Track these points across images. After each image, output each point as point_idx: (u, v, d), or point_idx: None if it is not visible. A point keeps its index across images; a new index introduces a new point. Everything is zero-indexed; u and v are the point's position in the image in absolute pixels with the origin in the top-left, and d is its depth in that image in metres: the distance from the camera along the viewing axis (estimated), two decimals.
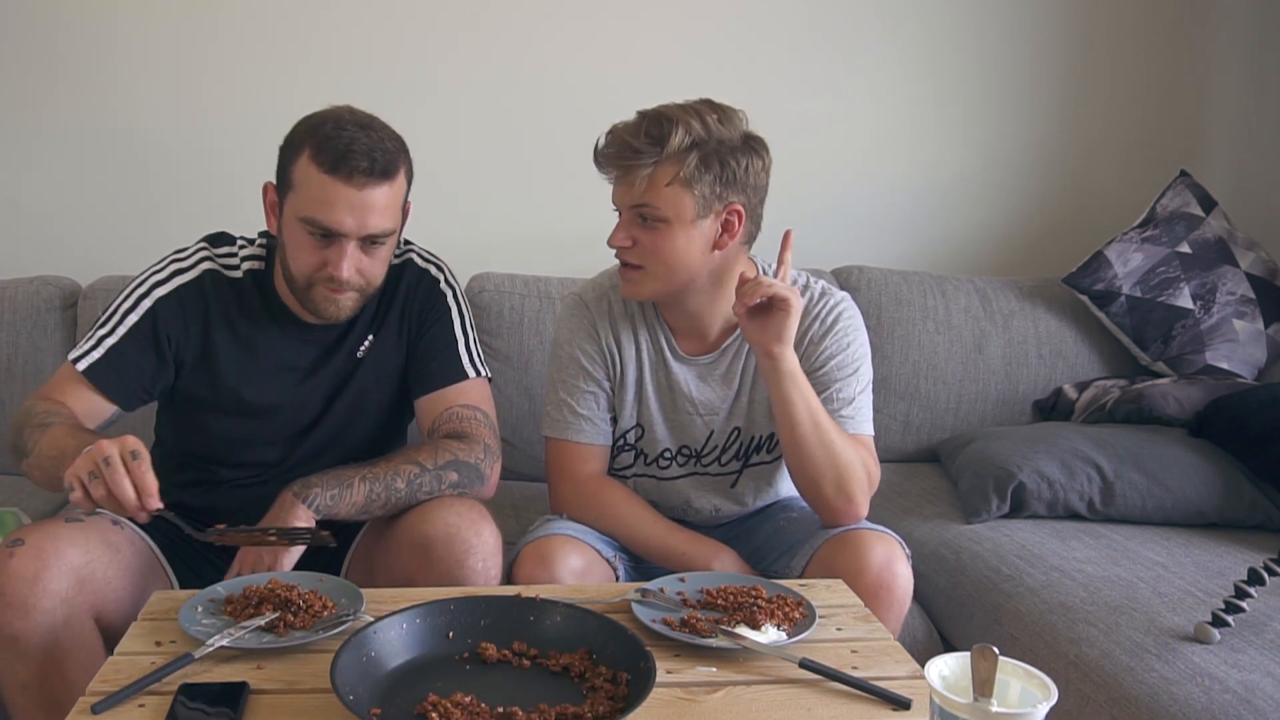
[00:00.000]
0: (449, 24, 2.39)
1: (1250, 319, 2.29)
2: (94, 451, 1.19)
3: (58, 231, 2.37)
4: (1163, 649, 1.40)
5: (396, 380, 1.59)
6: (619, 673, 1.05)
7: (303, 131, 1.42)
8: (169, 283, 1.51)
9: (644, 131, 1.42)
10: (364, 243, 1.42)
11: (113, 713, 1.00)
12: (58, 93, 2.33)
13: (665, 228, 1.46)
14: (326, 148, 1.37)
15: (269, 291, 1.54)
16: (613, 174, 1.48)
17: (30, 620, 1.24)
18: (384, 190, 1.41)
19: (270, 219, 1.49)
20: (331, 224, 1.39)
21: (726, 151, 1.44)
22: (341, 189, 1.37)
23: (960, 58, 2.55)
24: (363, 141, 1.38)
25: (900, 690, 1.05)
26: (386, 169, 1.40)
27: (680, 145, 1.41)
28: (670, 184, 1.43)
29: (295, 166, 1.41)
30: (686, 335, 1.61)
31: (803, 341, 1.58)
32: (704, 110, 1.44)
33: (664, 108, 1.46)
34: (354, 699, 0.96)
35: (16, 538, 1.29)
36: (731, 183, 1.45)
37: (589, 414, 1.60)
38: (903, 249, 2.59)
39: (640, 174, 1.43)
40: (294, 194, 1.41)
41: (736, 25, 2.47)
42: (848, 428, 1.54)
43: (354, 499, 1.37)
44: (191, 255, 1.54)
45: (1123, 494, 1.88)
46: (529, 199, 2.46)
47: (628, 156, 1.43)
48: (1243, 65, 2.62)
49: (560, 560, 1.45)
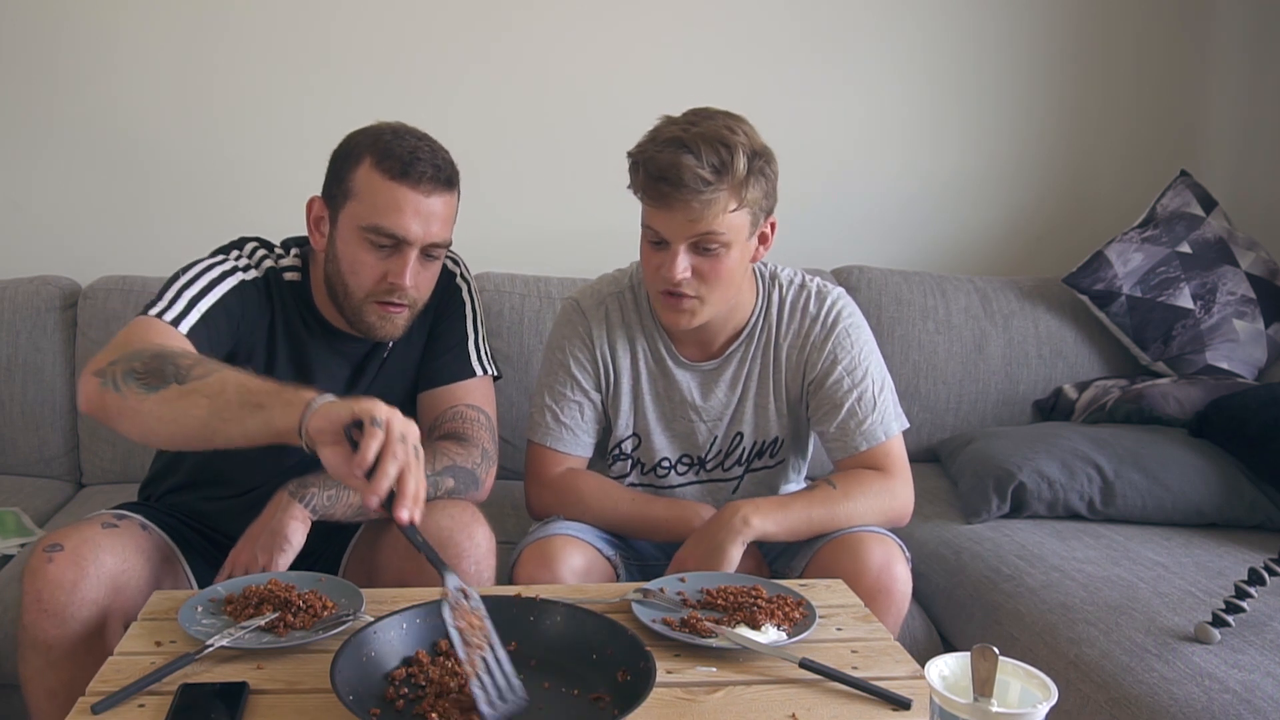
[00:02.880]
0: (449, 26, 2.39)
1: (1250, 319, 2.29)
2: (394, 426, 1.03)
3: (58, 231, 2.37)
4: (1163, 649, 1.40)
5: (413, 375, 1.58)
6: (619, 673, 1.05)
7: (360, 141, 1.41)
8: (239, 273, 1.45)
9: (706, 160, 1.36)
10: (422, 254, 1.41)
11: (113, 713, 1.00)
12: (58, 93, 2.32)
13: (725, 252, 1.42)
14: (391, 154, 1.37)
15: (308, 303, 1.52)
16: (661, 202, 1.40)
17: (66, 629, 1.23)
18: (447, 199, 1.41)
19: (315, 235, 1.46)
20: (398, 230, 1.37)
21: (764, 163, 1.41)
22: (409, 194, 1.37)
23: (960, 57, 2.55)
24: (425, 149, 1.39)
25: (900, 690, 1.05)
26: (450, 178, 1.41)
27: (743, 170, 1.37)
28: (736, 210, 1.40)
29: (355, 175, 1.39)
30: (688, 343, 1.61)
31: (805, 345, 1.57)
32: (737, 123, 1.40)
33: (710, 129, 1.38)
34: (354, 699, 0.96)
35: (54, 543, 1.27)
36: (771, 193, 1.44)
37: (571, 423, 1.60)
38: (903, 249, 2.59)
39: (711, 206, 1.38)
40: (354, 203, 1.39)
41: (737, 26, 2.47)
42: (876, 437, 1.54)
43: (350, 500, 1.36)
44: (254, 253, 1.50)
45: (1123, 494, 1.88)
46: (529, 199, 2.46)
47: (697, 188, 1.36)
48: (1243, 65, 2.62)
49: (562, 560, 1.45)
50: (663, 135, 1.40)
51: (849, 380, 1.55)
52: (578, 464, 1.61)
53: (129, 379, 1.21)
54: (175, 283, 1.41)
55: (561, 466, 1.60)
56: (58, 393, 2.14)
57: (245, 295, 1.44)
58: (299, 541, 1.33)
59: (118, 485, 2.09)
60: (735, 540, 1.42)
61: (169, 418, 1.19)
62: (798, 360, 1.58)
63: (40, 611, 1.23)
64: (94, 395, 1.24)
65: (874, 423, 1.54)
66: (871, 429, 1.54)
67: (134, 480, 1.95)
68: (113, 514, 1.41)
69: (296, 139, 2.35)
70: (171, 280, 1.42)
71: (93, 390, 1.24)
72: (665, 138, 1.39)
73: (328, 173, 1.44)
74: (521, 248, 2.41)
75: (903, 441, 1.58)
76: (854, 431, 1.54)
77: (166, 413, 1.19)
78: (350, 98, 2.34)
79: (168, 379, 1.19)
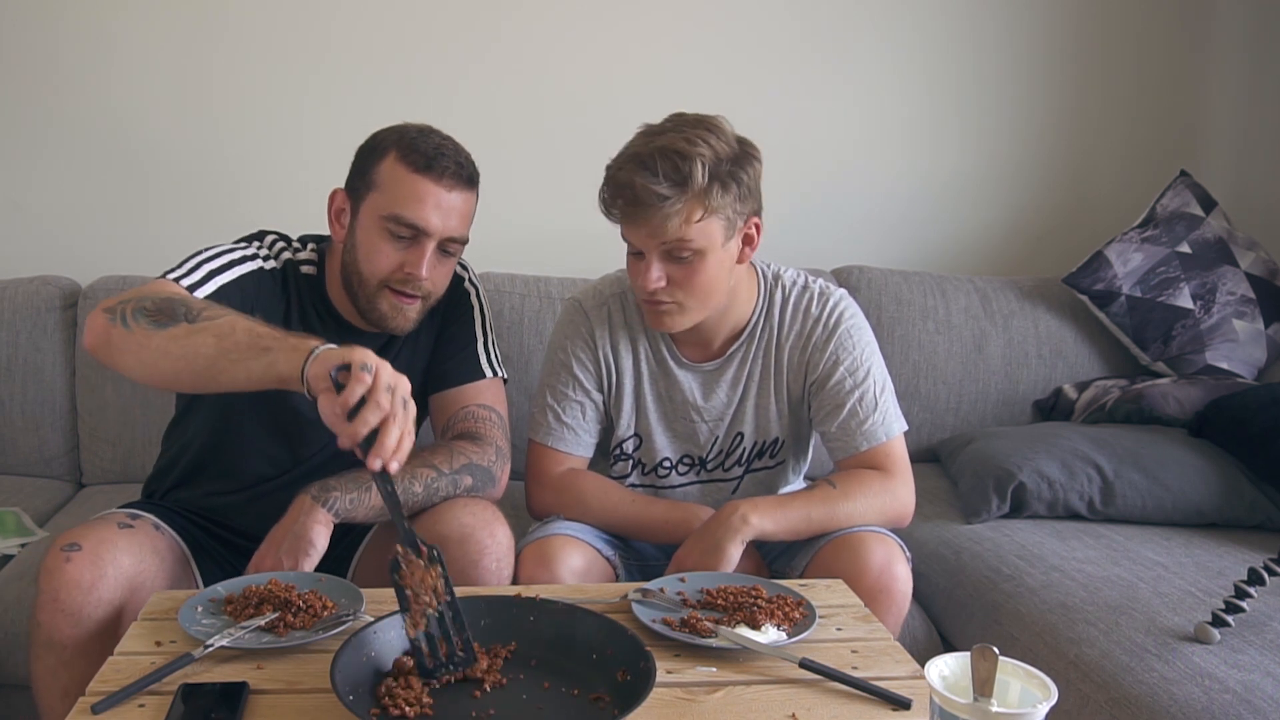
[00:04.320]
0: (449, 26, 2.39)
1: (1250, 319, 2.29)
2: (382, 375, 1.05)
3: (58, 231, 2.37)
4: (1163, 649, 1.40)
5: (420, 378, 1.59)
6: (619, 673, 1.05)
7: (387, 136, 1.46)
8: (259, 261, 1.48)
9: (662, 174, 1.38)
10: (439, 248, 1.45)
11: (113, 713, 1.00)
12: (58, 93, 2.32)
13: (699, 259, 1.44)
14: (416, 148, 1.42)
15: (322, 295, 1.54)
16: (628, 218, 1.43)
17: (81, 628, 1.24)
18: (467, 196, 1.46)
19: (335, 226, 1.50)
20: (419, 220, 1.41)
21: (736, 167, 1.43)
22: (431, 187, 1.41)
23: (960, 57, 2.55)
24: (450, 146, 1.45)
25: (900, 690, 1.05)
26: (471, 177, 1.47)
27: (702, 180, 1.39)
28: (701, 219, 1.41)
29: (379, 167, 1.44)
30: (689, 343, 1.61)
31: (807, 346, 1.58)
32: (701, 133, 1.41)
33: (664, 140, 1.40)
34: (354, 699, 0.96)
35: (72, 542, 1.27)
36: (747, 196, 1.45)
37: (573, 423, 1.60)
38: (903, 249, 2.59)
39: (672, 220, 1.40)
40: (377, 194, 1.44)
41: (736, 26, 2.47)
42: (878, 438, 1.54)
43: (373, 502, 1.37)
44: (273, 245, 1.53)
45: (1123, 494, 1.88)
46: (529, 199, 2.45)
47: (654, 203, 1.39)
48: (1243, 65, 2.62)
49: (561, 560, 1.45)
50: (626, 152, 1.44)
51: (851, 380, 1.55)
52: (579, 464, 1.62)
53: (139, 315, 1.23)
54: (196, 256, 1.44)
55: (563, 466, 1.60)
56: (58, 393, 2.14)
57: (261, 282, 1.47)
58: (323, 545, 1.33)
59: (118, 485, 2.09)
60: (734, 539, 1.43)
61: (175, 353, 1.20)
62: (800, 361, 1.59)
63: (56, 611, 1.23)
64: (100, 329, 1.24)
65: (875, 423, 1.54)
66: (873, 429, 1.54)
67: (134, 480, 1.95)
68: (126, 514, 1.42)
69: (296, 139, 2.35)
70: (192, 255, 1.45)
71: (100, 325, 1.24)
72: (627, 155, 1.43)
73: (352, 166, 1.49)
74: (521, 248, 2.41)
75: (904, 442, 1.58)
76: (855, 431, 1.54)
77: (174, 348, 1.20)
78: (350, 98, 2.34)
79: (178, 318, 1.21)
